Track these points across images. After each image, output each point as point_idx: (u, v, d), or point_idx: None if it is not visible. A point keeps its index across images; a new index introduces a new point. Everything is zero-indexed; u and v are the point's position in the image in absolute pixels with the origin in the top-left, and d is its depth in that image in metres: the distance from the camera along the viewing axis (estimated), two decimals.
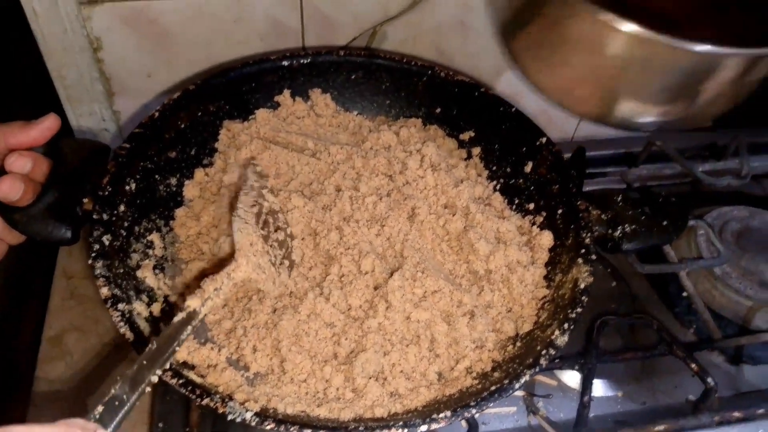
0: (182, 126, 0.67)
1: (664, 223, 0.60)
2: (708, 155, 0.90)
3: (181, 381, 0.48)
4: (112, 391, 0.44)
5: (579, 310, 0.54)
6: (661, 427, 0.64)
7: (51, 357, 0.65)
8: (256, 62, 0.71)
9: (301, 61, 0.72)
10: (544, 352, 0.52)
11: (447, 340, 0.57)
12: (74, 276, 0.72)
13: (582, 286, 0.56)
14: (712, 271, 0.74)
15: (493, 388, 0.50)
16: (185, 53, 0.73)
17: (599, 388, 0.69)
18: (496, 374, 0.55)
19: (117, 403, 0.44)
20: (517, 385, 0.50)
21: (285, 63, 0.71)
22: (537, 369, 0.50)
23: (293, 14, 0.73)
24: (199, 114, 0.68)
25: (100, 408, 0.43)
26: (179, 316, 0.50)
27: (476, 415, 0.54)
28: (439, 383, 0.56)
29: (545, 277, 0.62)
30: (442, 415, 0.48)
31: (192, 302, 0.51)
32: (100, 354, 0.66)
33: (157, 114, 0.64)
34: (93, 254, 0.53)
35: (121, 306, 0.52)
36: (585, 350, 0.66)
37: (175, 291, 0.60)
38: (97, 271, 0.53)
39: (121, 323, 0.50)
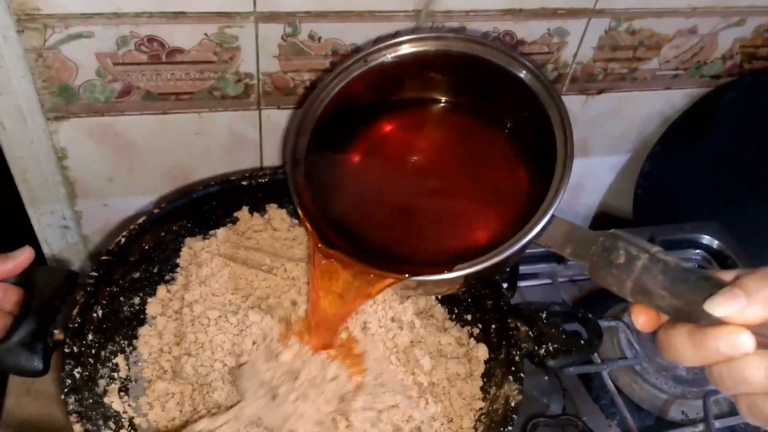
0: (146, 247, 0.72)
1: (582, 341, 0.68)
2: None
3: None
4: None
5: (510, 428, 0.61)
6: None
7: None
8: (217, 183, 0.76)
9: (260, 180, 0.78)
10: None
11: None
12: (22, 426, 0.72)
13: (512, 404, 0.63)
14: (633, 367, 0.83)
15: None
16: (147, 160, 0.78)
17: None
18: None
19: None
20: None
21: (244, 183, 0.77)
22: None
23: (253, 128, 0.79)
24: (163, 234, 0.73)
25: None
26: None
27: None
28: None
29: (481, 389, 0.69)
30: None
31: None
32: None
33: (123, 240, 0.69)
34: (65, 389, 0.57)
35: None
36: None
37: (138, 412, 0.64)
38: (70, 407, 0.56)
39: None
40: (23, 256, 0.59)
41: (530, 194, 0.62)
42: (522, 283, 0.89)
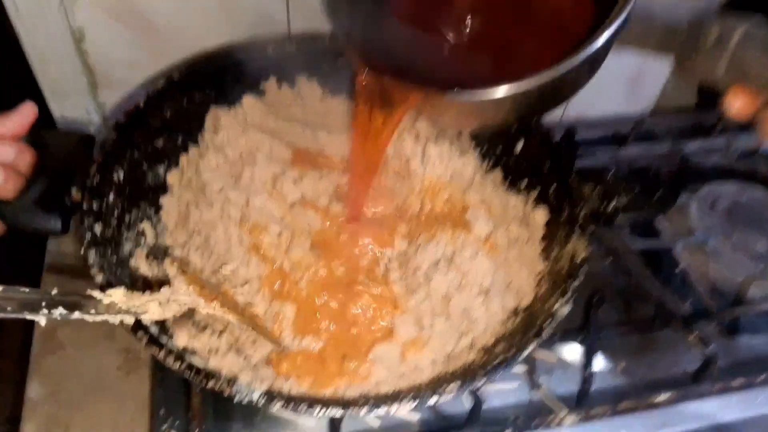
0: (168, 115, 0.66)
1: (656, 196, 0.60)
2: (695, 134, 0.91)
3: (183, 365, 0.46)
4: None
5: (578, 281, 0.54)
6: (663, 397, 0.64)
7: (44, 351, 0.63)
8: (241, 50, 0.70)
9: (287, 48, 0.71)
10: (547, 322, 0.52)
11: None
12: (64, 271, 0.69)
13: (580, 258, 0.56)
14: (705, 245, 0.75)
15: (500, 359, 0.49)
16: (170, 43, 0.72)
17: (599, 362, 0.68)
18: (500, 347, 0.55)
19: None
20: (522, 355, 0.49)
21: (270, 50, 0.71)
22: (541, 338, 0.50)
23: (280, 3, 0.72)
24: (185, 102, 0.67)
25: None
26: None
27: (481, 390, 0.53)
28: (442, 361, 0.56)
29: (543, 252, 0.62)
30: (450, 387, 0.47)
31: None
32: (94, 346, 0.64)
33: (141, 103, 0.63)
34: (86, 243, 0.52)
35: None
36: (584, 325, 0.66)
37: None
38: (90, 260, 0.51)
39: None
40: (24, 110, 0.53)
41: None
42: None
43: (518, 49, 0.55)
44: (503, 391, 0.65)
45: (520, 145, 0.69)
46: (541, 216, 0.64)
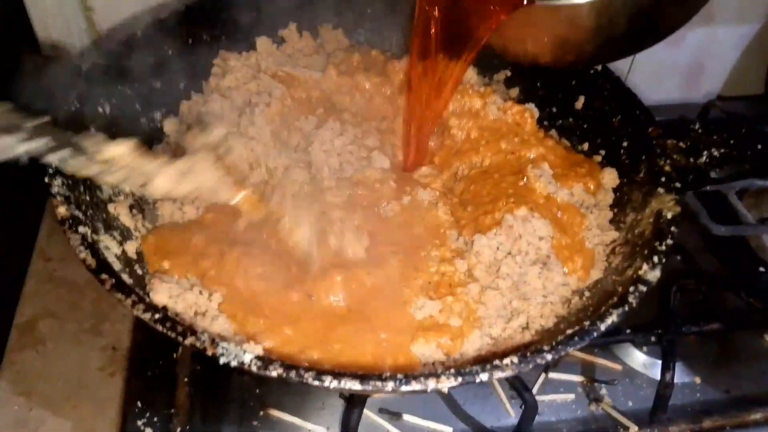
0: (170, 52, 0.56)
1: (759, 147, 0.49)
2: None
3: (156, 315, 0.35)
4: None
5: (669, 242, 0.43)
6: (758, 416, 0.51)
7: (21, 345, 0.54)
8: None
9: None
10: (632, 289, 0.40)
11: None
12: (53, 258, 0.60)
13: (668, 215, 0.44)
14: None
15: (571, 330, 0.37)
16: None
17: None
18: (564, 327, 0.42)
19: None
20: (603, 326, 0.38)
21: None
22: (625, 308, 0.38)
23: None
24: (190, 41, 0.58)
25: None
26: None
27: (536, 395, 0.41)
28: (488, 345, 0.44)
29: (612, 221, 0.51)
30: (507, 361, 0.35)
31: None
32: (77, 342, 0.54)
33: (139, 33, 0.54)
34: (50, 171, 0.42)
35: (82, 229, 0.40)
36: (662, 318, 0.54)
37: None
38: (54, 189, 0.41)
39: (81, 247, 0.38)
40: None
41: None
42: None
43: None
44: (557, 404, 0.53)
45: (580, 102, 0.58)
46: (609, 179, 0.52)
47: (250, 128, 0.53)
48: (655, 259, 0.41)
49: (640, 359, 0.57)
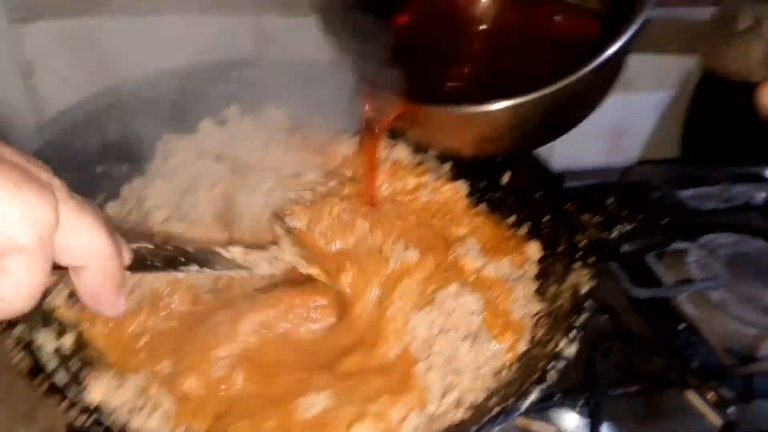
0: (111, 138, 0.58)
1: (664, 221, 0.53)
2: (686, 184, 0.86)
3: (89, 419, 0.36)
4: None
5: (584, 316, 0.46)
6: None
7: None
8: (203, 70, 0.63)
9: (254, 71, 0.65)
10: (550, 365, 0.43)
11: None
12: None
13: (584, 290, 0.48)
14: (709, 299, 0.68)
15: (496, 410, 0.40)
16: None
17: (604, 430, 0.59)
18: (493, 401, 0.45)
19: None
20: (524, 405, 0.40)
21: (234, 74, 0.65)
22: (545, 383, 0.41)
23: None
24: (134, 126, 0.60)
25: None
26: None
27: None
28: (424, 423, 0.46)
29: (536, 292, 0.54)
30: None
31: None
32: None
33: (80, 119, 0.55)
34: None
35: (18, 331, 0.40)
36: (588, 382, 0.57)
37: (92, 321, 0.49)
38: None
39: (16, 349, 0.39)
40: None
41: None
42: None
43: (522, 68, 0.50)
44: None
45: (506, 177, 0.62)
46: (534, 251, 0.56)
47: (192, 212, 0.55)
48: (572, 334, 0.44)
49: (573, 421, 0.59)
